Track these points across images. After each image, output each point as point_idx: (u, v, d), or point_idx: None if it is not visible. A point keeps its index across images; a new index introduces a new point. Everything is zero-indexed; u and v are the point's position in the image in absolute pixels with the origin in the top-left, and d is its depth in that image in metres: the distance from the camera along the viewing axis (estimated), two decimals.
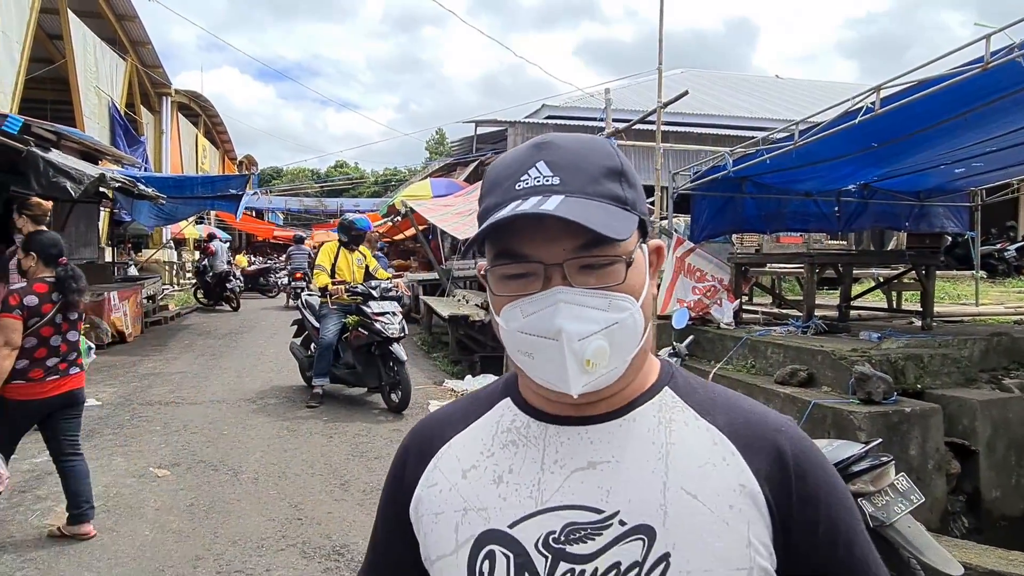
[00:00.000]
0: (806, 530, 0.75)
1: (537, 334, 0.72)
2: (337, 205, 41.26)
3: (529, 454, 0.80)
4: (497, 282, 0.76)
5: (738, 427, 0.78)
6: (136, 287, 12.22)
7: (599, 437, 0.78)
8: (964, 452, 4.56)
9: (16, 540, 3.68)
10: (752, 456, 0.76)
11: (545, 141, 0.77)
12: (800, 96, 21.13)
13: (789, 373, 5.15)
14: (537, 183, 0.74)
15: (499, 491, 0.79)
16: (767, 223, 8.32)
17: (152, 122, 20.62)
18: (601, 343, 0.71)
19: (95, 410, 6.44)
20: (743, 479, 0.75)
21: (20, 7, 11.44)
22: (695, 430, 0.78)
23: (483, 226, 0.74)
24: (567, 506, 0.75)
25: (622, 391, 0.79)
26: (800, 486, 0.75)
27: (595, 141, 0.79)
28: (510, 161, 0.79)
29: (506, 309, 0.75)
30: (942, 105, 4.69)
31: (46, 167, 7.13)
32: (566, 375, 0.71)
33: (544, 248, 0.72)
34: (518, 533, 0.76)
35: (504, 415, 0.85)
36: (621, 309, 0.73)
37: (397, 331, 6.54)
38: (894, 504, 2.69)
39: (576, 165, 0.75)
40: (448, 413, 0.91)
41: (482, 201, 0.80)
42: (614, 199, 0.75)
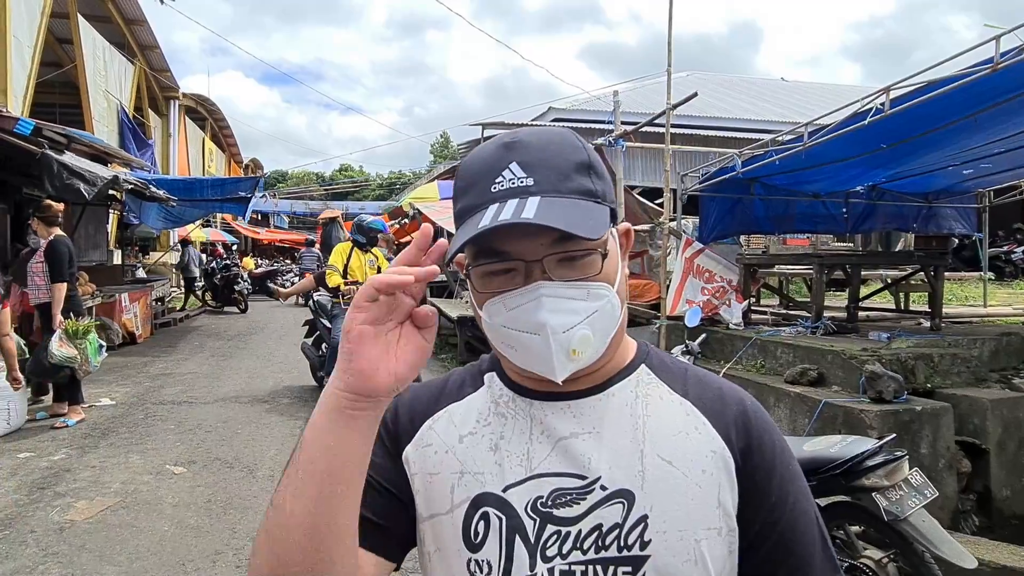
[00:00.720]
0: (759, 497, 0.80)
1: (520, 329, 0.76)
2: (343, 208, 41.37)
3: (518, 425, 0.84)
4: (480, 279, 0.79)
5: (707, 400, 0.85)
6: (146, 289, 12.31)
7: (581, 411, 0.83)
8: (975, 451, 4.58)
9: (38, 535, 3.73)
10: (720, 425, 0.82)
11: (514, 140, 0.80)
12: (806, 99, 21.14)
13: (799, 372, 5.18)
14: (512, 184, 0.76)
15: (495, 458, 0.83)
16: (776, 224, 8.35)
17: (160, 125, 20.72)
18: (585, 332, 0.76)
19: (109, 409, 6.51)
20: (714, 446, 0.81)
21: (31, 12, 11.54)
22: (669, 403, 0.84)
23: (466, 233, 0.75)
24: (554, 473, 0.80)
25: (602, 368, 0.84)
26: (759, 456, 0.81)
27: (562, 136, 0.82)
28: (481, 161, 0.81)
29: (489, 304, 0.78)
30: (952, 106, 4.72)
31: (60, 169, 7.20)
32: (552, 365, 0.75)
33: (524, 245, 0.76)
34: (511, 497, 0.81)
35: (492, 388, 0.89)
36: (599, 297, 0.77)
37: None
38: (908, 499, 2.71)
39: (547, 163, 0.77)
40: (438, 384, 0.94)
41: (457, 200, 0.82)
42: (586, 193, 0.78)
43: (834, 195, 7.91)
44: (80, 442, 5.41)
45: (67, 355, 5.66)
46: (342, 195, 53.20)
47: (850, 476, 2.75)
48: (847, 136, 5.37)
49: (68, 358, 5.68)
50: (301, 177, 62.92)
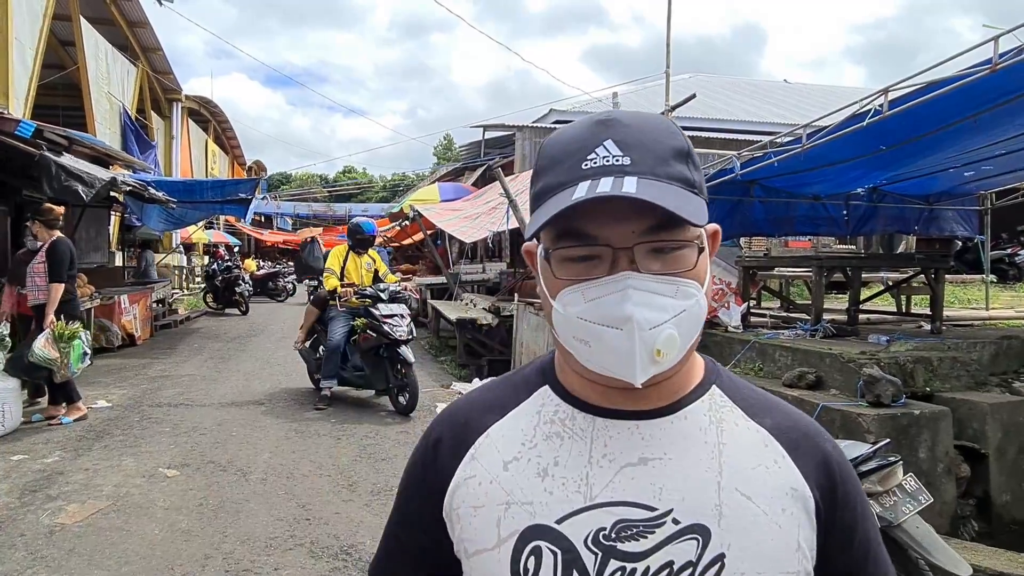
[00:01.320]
0: (843, 536, 0.76)
1: (599, 322, 0.69)
2: (346, 210, 41.46)
3: (575, 447, 0.77)
4: (559, 264, 0.72)
5: (786, 430, 0.78)
6: (146, 291, 12.31)
7: (651, 433, 0.76)
8: (974, 455, 4.54)
9: (27, 539, 3.70)
10: (801, 460, 0.76)
11: (610, 118, 0.73)
12: (809, 100, 21.10)
13: (797, 376, 5.14)
14: (607, 163, 0.70)
15: (544, 485, 0.75)
16: (775, 226, 8.30)
17: (162, 127, 20.80)
18: (672, 332, 0.69)
19: (105, 411, 6.49)
20: (794, 482, 0.75)
21: (33, 14, 11.58)
22: (746, 431, 0.77)
23: (552, 207, 0.69)
24: (618, 502, 0.73)
25: (671, 380, 0.77)
26: (842, 493, 0.76)
27: (660, 120, 0.76)
28: (571, 138, 0.74)
29: (565, 292, 0.71)
30: (951, 107, 4.68)
31: (58, 171, 7.20)
32: (633, 365, 0.68)
33: (614, 230, 0.69)
34: (566, 529, 0.73)
35: (546, 404, 0.81)
36: (688, 296, 0.70)
37: (405, 333, 6.53)
38: (902, 504, 2.68)
39: (645, 145, 0.71)
40: (481, 400, 0.86)
41: (538, 179, 0.75)
42: (683, 181, 0.71)
43: (834, 197, 7.87)
44: (74, 444, 5.39)
45: (47, 356, 5.62)
46: (345, 197, 53.32)
47: None
48: (846, 138, 5.33)
49: (48, 359, 5.63)
50: (304, 179, 63.05)
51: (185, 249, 23.36)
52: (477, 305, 10.62)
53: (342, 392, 7.24)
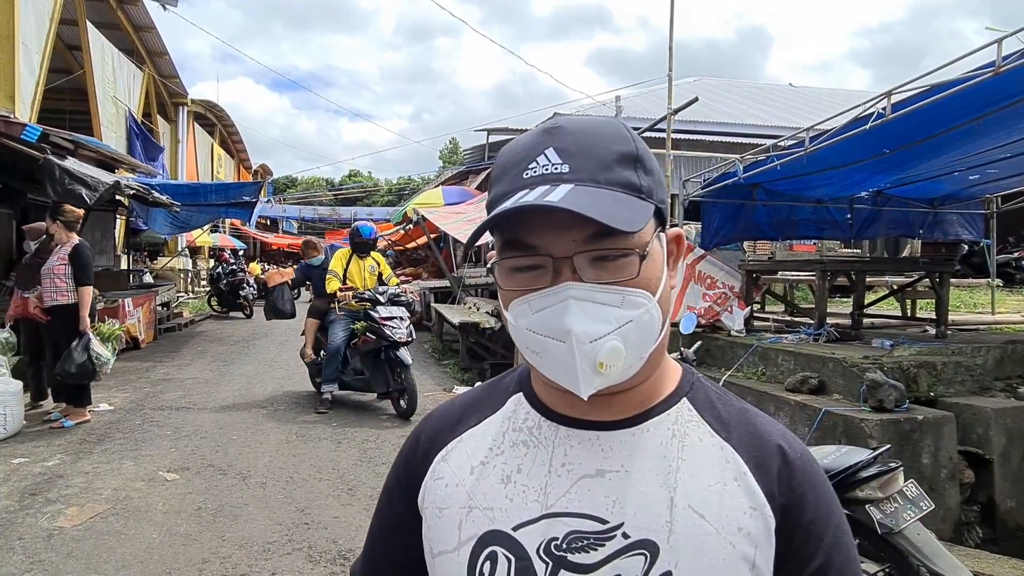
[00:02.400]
0: (798, 562, 0.72)
1: (545, 334, 0.69)
2: (351, 213, 41.52)
3: (539, 456, 0.77)
4: (505, 275, 0.73)
5: (752, 447, 0.76)
6: (150, 294, 12.35)
7: (611, 445, 0.75)
8: (978, 461, 4.50)
9: (25, 542, 3.70)
10: (764, 478, 0.74)
11: (555, 126, 0.73)
12: (814, 104, 21.02)
13: (800, 380, 5.11)
14: (545, 171, 0.70)
15: (506, 491, 0.76)
16: (779, 230, 8.26)
17: (168, 131, 20.88)
18: (615, 343, 0.68)
19: (107, 414, 6.50)
20: (753, 501, 0.72)
21: (40, 18, 11.64)
22: (709, 447, 0.76)
23: (488, 218, 0.70)
24: (572, 513, 0.73)
25: (637, 389, 0.76)
26: (800, 514, 0.73)
27: (609, 124, 0.75)
28: (519, 147, 0.75)
29: (515, 304, 0.72)
30: (954, 110, 4.65)
31: (62, 174, 7.23)
32: (576, 378, 0.68)
33: (553, 239, 0.69)
34: (521, 536, 0.74)
35: (517, 411, 0.82)
36: (636, 306, 0.69)
37: (405, 335, 6.53)
38: (903, 511, 2.64)
39: (586, 151, 0.71)
40: (461, 405, 0.88)
41: (490, 189, 0.76)
42: (627, 187, 0.70)
43: (838, 201, 7.83)
44: (75, 448, 5.40)
45: (106, 354, 5.88)
46: (351, 201, 53.42)
47: (843, 488, 2.68)
48: (850, 141, 5.30)
49: (106, 359, 5.87)
50: (310, 183, 63.22)
51: (191, 252, 23.42)
52: (480, 309, 10.60)
53: (343, 396, 7.23)
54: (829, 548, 0.72)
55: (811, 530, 0.72)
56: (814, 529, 0.72)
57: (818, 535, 0.72)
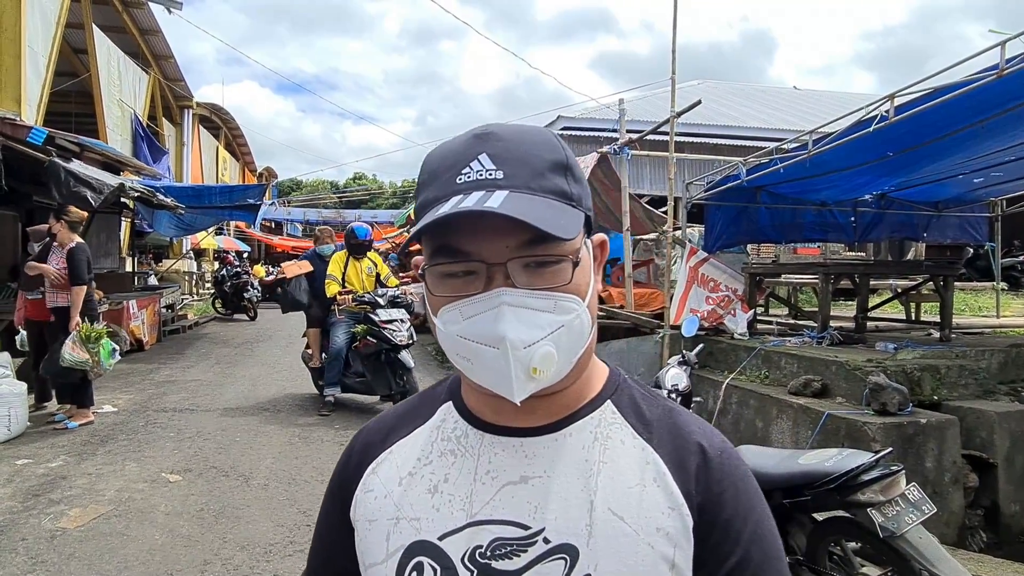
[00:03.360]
0: (715, 560, 0.72)
1: (478, 340, 0.69)
2: (355, 216, 41.56)
3: (465, 464, 0.77)
4: (435, 281, 0.72)
5: (672, 448, 0.76)
6: (154, 296, 12.38)
7: (533, 451, 0.76)
8: (982, 465, 4.48)
9: (28, 543, 3.71)
10: (682, 478, 0.74)
11: (487, 132, 0.73)
12: (818, 107, 20.99)
13: (803, 384, 5.10)
14: (480, 177, 0.70)
15: (433, 501, 0.77)
16: (782, 233, 8.26)
17: (174, 134, 20.94)
18: (548, 349, 0.68)
19: (110, 416, 6.52)
20: (672, 501, 0.73)
21: (46, 22, 11.69)
22: (631, 449, 0.76)
23: (422, 222, 0.69)
24: (496, 520, 0.73)
25: (563, 393, 0.76)
26: (719, 512, 0.73)
27: (540, 132, 0.75)
28: (449, 152, 0.74)
29: (444, 311, 0.71)
30: (957, 113, 4.64)
31: (67, 177, 7.26)
32: (510, 383, 0.68)
33: (486, 245, 0.68)
34: (447, 546, 0.74)
35: (446, 420, 0.82)
36: (567, 311, 0.70)
37: (405, 338, 6.52)
38: (905, 515, 2.63)
39: (520, 158, 0.71)
40: (394, 416, 0.88)
41: (419, 194, 0.75)
42: (559, 194, 0.71)
43: (842, 204, 7.82)
44: (79, 449, 5.41)
45: (78, 359, 5.76)
46: (356, 203, 53.52)
47: (845, 491, 2.68)
48: (853, 144, 5.30)
49: (79, 362, 5.78)
50: (315, 185, 63.36)
51: (195, 255, 23.47)
52: None
53: (346, 398, 7.24)
54: (747, 544, 0.72)
55: (728, 528, 0.72)
56: (731, 526, 0.72)
57: (736, 532, 0.72)
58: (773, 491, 2.85)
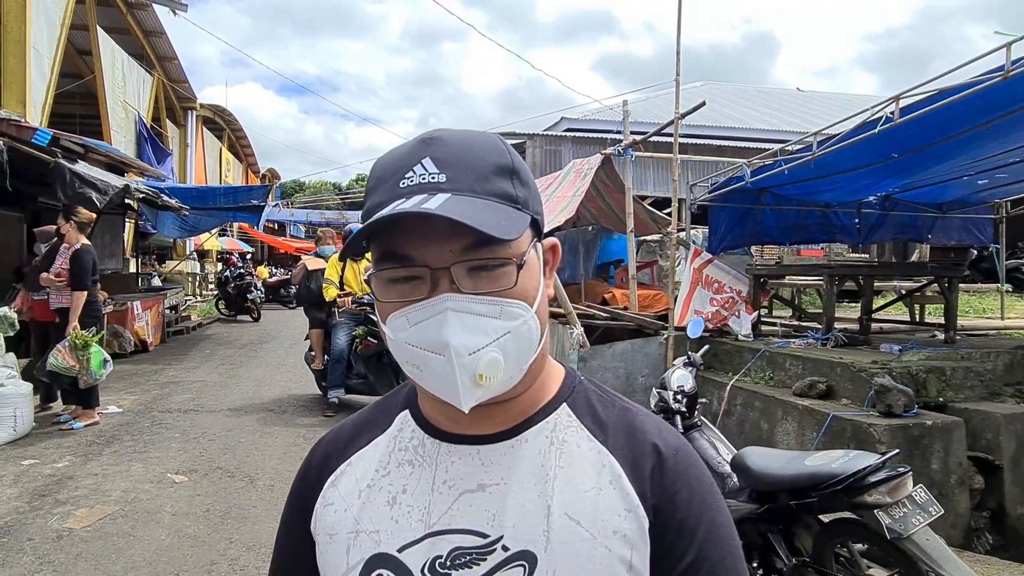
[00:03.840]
0: (671, 559, 0.72)
1: (424, 347, 0.68)
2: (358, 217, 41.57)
3: (423, 474, 0.77)
4: (382, 287, 0.71)
5: (627, 449, 0.75)
6: (158, 297, 12.40)
7: (490, 458, 0.75)
8: (988, 467, 4.47)
9: (35, 543, 3.72)
10: (638, 478, 0.73)
11: (432, 136, 0.73)
12: (822, 109, 20.98)
13: (808, 385, 5.09)
14: (422, 180, 0.69)
15: (392, 513, 0.76)
16: (786, 234, 8.26)
17: (177, 136, 20.99)
18: (494, 355, 0.67)
19: (116, 417, 6.53)
20: (628, 503, 0.72)
21: (51, 24, 11.73)
22: (586, 452, 0.75)
23: (362, 225, 0.69)
24: (454, 530, 0.73)
25: (518, 399, 0.76)
26: (674, 512, 0.73)
27: (485, 137, 0.75)
28: (396, 157, 0.73)
29: (392, 317, 0.70)
30: (962, 115, 4.64)
31: (72, 178, 7.28)
32: (456, 391, 0.67)
33: (430, 250, 0.68)
34: (406, 558, 0.73)
35: (403, 430, 0.81)
36: (514, 316, 0.69)
37: None
38: (912, 516, 2.63)
39: (464, 162, 0.70)
40: (351, 426, 0.87)
41: (366, 199, 0.74)
42: (504, 197, 0.70)
43: (846, 205, 7.82)
44: (84, 449, 5.43)
45: (63, 365, 5.72)
46: (358, 205, 53.52)
47: (852, 492, 2.67)
48: (857, 145, 5.29)
49: (63, 368, 5.73)
50: (318, 187, 63.43)
51: (199, 256, 23.52)
52: None
53: (349, 399, 7.24)
54: (701, 543, 0.72)
55: (683, 527, 0.72)
56: (686, 526, 0.72)
57: (690, 532, 0.72)
58: (779, 492, 2.85)
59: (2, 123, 7.53)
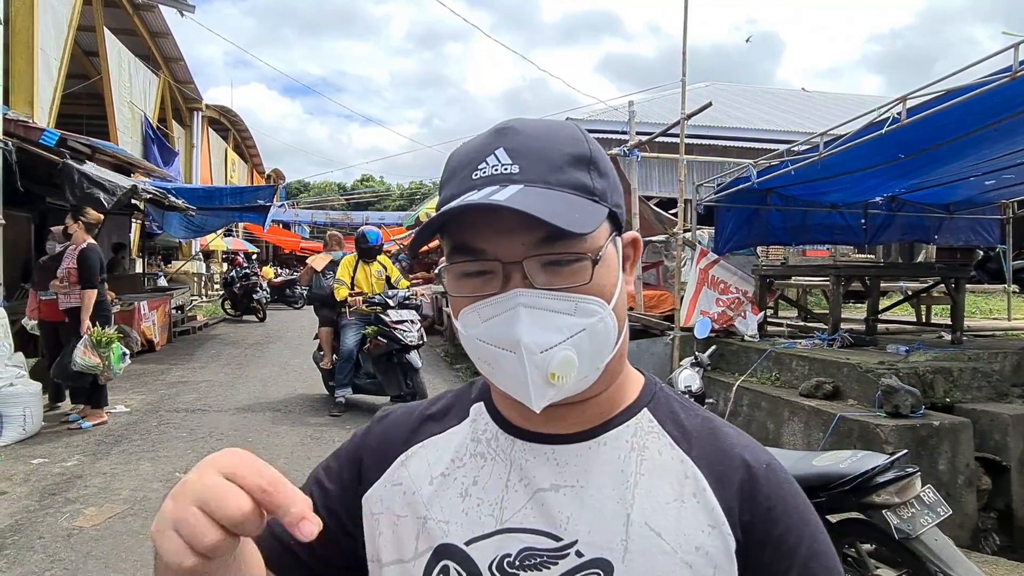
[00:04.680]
0: None
1: (495, 344, 0.65)
2: (363, 218, 41.64)
3: (496, 469, 0.74)
4: (453, 281, 0.69)
5: (714, 461, 0.72)
6: (165, 297, 12.45)
7: (566, 459, 0.72)
8: (995, 468, 4.46)
9: (46, 541, 3.75)
10: (725, 494, 0.70)
11: (506, 126, 0.70)
12: (827, 109, 20.93)
13: (814, 386, 5.09)
14: (495, 171, 0.67)
15: (463, 505, 0.74)
16: (792, 235, 8.25)
17: (183, 136, 21.04)
18: (567, 353, 0.64)
19: (123, 416, 6.56)
20: (712, 518, 0.69)
21: (58, 25, 11.78)
22: (669, 460, 0.72)
23: (432, 218, 0.66)
24: (526, 529, 0.70)
25: (594, 400, 0.73)
26: (770, 529, 0.69)
27: (562, 126, 0.72)
28: (469, 148, 0.71)
29: (464, 312, 0.68)
30: (970, 116, 4.63)
31: (80, 179, 7.31)
32: (528, 390, 0.64)
33: (501, 243, 0.65)
34: (474, 552, 0.71)
35: (477, 422, 0.79)
36: (589, 313, 0.66)
37: (415, 338, 6.54)
38: (920, 517, 2.63)
39: (538, 152, 0.68)
40: (424, 409, 0.85)
41: (440, 192, 0.73)
42: (580, 189, 0.67)
43: (852, 206, 7.81)
44: (93, 448, 5.46)
45: (89, 363, 5.80)
46: (363, 205, 53.65)
47: (860, 492, 2.68)
48: (864, 146, 5.29)
49: (90, 366, 5.81)
50: (322, 187, 63.59)
51: (204, 256, 23.57)
52: None
53: (357, 399, 7.27)
54: (805, 561, 0.68)
55: (782, 544, 0.68)
56: (785, 543, 0.68)
57: (791, 549, 0.68)
58: None
59: (10, 124, 7.57)
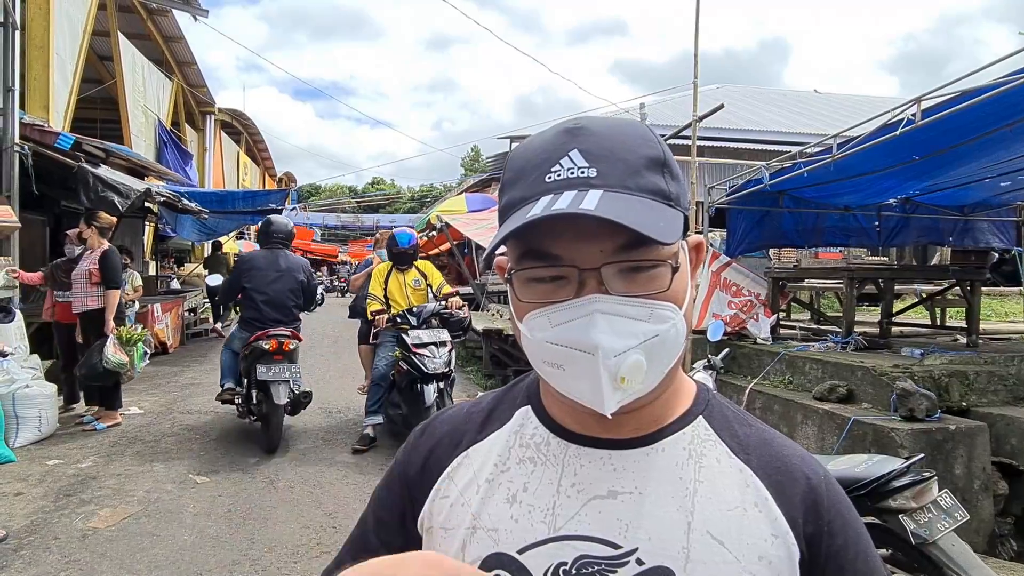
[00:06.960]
0: None
1: (569, 345, 0.64)
2: (374, 221, 41.75)
3: (546, 474, 0.73)
4: (523, 286, 0.67)
5: (772, 470, 0.72)
6: (178, 299, 12.53)
7: (623, 464, 0.71)
8: (1012, 472, 4.41)
9: (61, 542, 3.77)
10: (786, 504, 0.70)
11: (578, 126, 0.68)
12: (839, 111, 20.82)
13: (828, 389, 5.05)
14: (571, 175, 0.64)
15: (511, 512, 0.72)
16: (805, 237, 8.21)
17: (196, 139, 21.18)
18: (638, 358, 0.63)
19: (137, 418, 6.60)
20: (775, 529, 0.69)
21: (73, 31, 11.90)
22: (728, 469, 0.72)
23: (510, 224, 0.65)
24: (582, 536, 0.69)
25: (651, 406, 0.72)
26: (831, 542, 0.70)
27: (634, 126, 0.70)
28: (538, 148, 0.69)
29: (531, 316, 0.67)
30: (986, 116, 4.60)
31: (95, 182, 7.39)
32: (600, 393, 0.63)
33: (579, 249, 0.64)
34: (527, 560, 0.70)
35: (524, 426, 0.78)
36: (663, 320, 0.65)
37: (440, 366, 5.48)
38: (937, 521, 2.61)
39: (614, 154, 0.66)
40: (466, 416, 0.84)
41: (504, 193, 0.70)
42: (657, 193, 0.66)
43: (865, 208, 7.76)
44: (107, 450, 5.49)
45: (120, 361, 5.89)
46: (374, 208, 53.79)
47: (876, 497, 2.66)
48: (878, 148, 5.26)
49: (120, 364, 5.89)
50: (334, 190, 63.87)
51: None
52: (503, 315, 10.62)
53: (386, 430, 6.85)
54: (861, 574, 0.71)
55: (842, 558, 0.70)
56: (844, 557, 0.70)
57: (850, 561, 0.70)
58: None
59: (27, 128, 7.66)
